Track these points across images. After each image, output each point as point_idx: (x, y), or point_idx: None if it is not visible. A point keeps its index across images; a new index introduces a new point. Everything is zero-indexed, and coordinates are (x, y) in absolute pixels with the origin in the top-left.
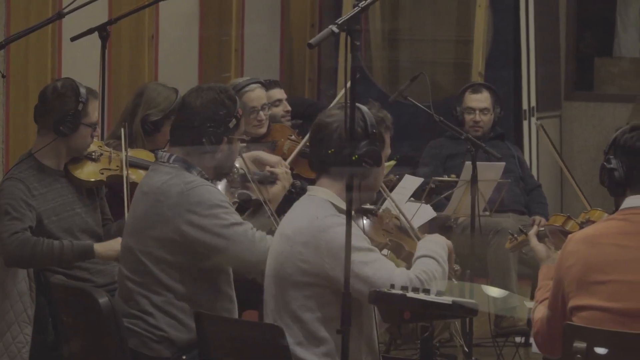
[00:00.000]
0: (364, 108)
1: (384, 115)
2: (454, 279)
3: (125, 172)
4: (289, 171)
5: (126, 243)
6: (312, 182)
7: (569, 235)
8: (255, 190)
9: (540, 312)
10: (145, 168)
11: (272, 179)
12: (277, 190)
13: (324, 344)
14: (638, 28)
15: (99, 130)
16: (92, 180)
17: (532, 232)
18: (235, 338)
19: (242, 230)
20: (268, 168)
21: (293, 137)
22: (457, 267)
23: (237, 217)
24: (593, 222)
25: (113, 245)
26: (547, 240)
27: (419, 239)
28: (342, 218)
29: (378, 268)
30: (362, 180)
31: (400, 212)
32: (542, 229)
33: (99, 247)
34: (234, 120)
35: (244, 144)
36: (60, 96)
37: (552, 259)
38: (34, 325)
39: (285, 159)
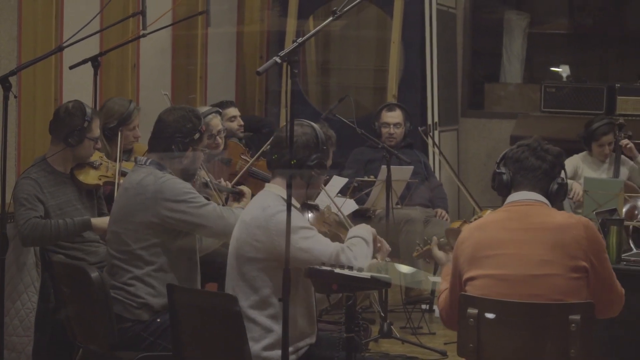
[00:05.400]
0: (317, 127)
1: (331, 134)
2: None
3: (117, 180)
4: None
5: (112, 228)
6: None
7: (464, 227)
8: (215, 196)
9: (443, 295)
10: None
11: (233, 190)
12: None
13: (270, 307)
14: (520, 59)
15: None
16: (92, 183)
17: (434, 242)
18: (198, 305)
19: (212, 208)
20: (237, 187)
21: (245, 156)
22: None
23: (203, 199)
24: None
25: (105, 220)
26: (447, 248)
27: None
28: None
29: (317, 241)
30: (310, 183)
31: (339, 210)
32: (442, 239)
33: (95, 221)
34: (197, 133)
35: (205, 154)
36: (70, 115)
37: (450, 261)
38: (39, 295)
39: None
